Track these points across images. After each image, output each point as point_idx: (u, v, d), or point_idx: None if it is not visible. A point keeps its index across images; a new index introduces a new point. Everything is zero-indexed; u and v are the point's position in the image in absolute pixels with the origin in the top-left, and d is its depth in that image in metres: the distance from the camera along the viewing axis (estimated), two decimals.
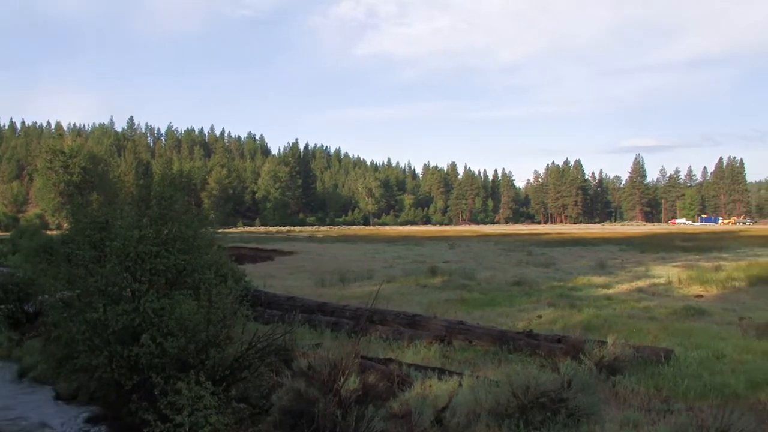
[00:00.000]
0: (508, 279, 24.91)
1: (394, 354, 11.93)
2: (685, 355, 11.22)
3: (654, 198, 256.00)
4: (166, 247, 10.48)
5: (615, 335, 11.15)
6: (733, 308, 17.88)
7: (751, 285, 23.07)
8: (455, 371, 10.31)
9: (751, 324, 14.73)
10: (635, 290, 22.13)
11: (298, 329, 13.65)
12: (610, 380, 9.81)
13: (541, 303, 18.86)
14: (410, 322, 14.45)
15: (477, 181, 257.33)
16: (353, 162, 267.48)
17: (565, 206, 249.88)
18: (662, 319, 15.94)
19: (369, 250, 50.65)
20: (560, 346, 11.49)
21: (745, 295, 20.91)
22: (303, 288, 22.88)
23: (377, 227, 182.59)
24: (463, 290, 21.84)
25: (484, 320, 15.65)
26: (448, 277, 25.56)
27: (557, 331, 13.62)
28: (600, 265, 31.59)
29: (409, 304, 18.54)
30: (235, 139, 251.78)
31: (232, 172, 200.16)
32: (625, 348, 10.61)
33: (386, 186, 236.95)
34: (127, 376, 9.58)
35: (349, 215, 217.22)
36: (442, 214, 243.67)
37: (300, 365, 9.33)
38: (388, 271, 29.26)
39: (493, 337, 12.67)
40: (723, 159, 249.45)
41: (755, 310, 17.40)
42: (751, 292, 21.53)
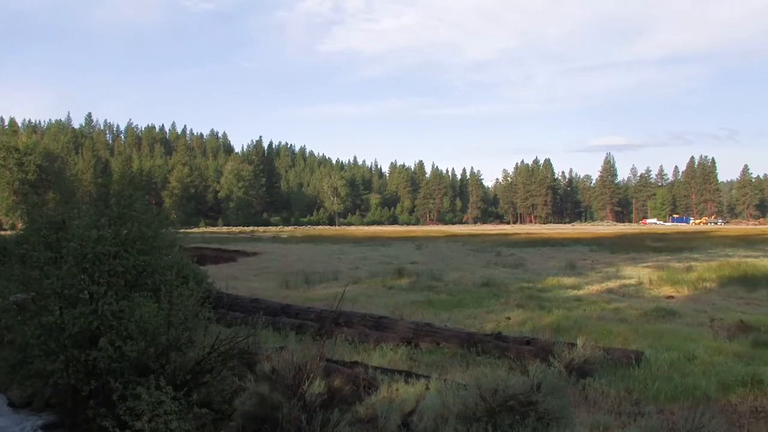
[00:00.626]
0: (477, 280, 25.02)
1: (360, 357, 11.93)
2: (656, 357, 11.33)
3: (625, 198, 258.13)
4: (126, 247, 10.40)
5: (585, 337, 11.24)
6: (704, 309, 18.09)
7: (722, 286, 23.37)
8: (422, 374, 10.34)
9: (723, 325, 14.91)
10: (605, 291, 22.32)
11: (262, 332, 13.62)
12: (580, 383, 9.88)
13: (509, 304, 18.95)
14: (376, 324, 14.47)
15: (445, 180, 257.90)
16: (318, 160, 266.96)
17: (534, 206, 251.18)
18: (633, 321, 16.10)
19: (334, 250, 50.59)
20: (529, 348, 11.57)
21: (716, 296, 21.17)
22: (267, 290, 22.81)
23: (343, 227, 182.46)
24: (430, 292, 21.91)
25: (452, 322, 15.71)
26: (415, 279, 25.63)
27: (526, 333, 13.69)
28: (570, 265, 31.84)
29: (375, 305, 18.56)
30: (197, 137, 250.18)
31: (194, 170, 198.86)
32: (595, 350, 10.69)
33: (352, 185, 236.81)
34: (85, 382, 9.50)
35: (315, 215, 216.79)
36: (409, 213, 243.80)
37: (264, 369, 9.31)
38: (354, 273, 29.25)
39: (461, 339, 12.72)
40: (694, 158, 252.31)
41: (726, 311, 17.62)
42: (722, 293, 21.81)
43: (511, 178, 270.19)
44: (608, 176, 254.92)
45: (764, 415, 8.66)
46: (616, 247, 50.72)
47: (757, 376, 9.98)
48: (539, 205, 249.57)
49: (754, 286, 22.83)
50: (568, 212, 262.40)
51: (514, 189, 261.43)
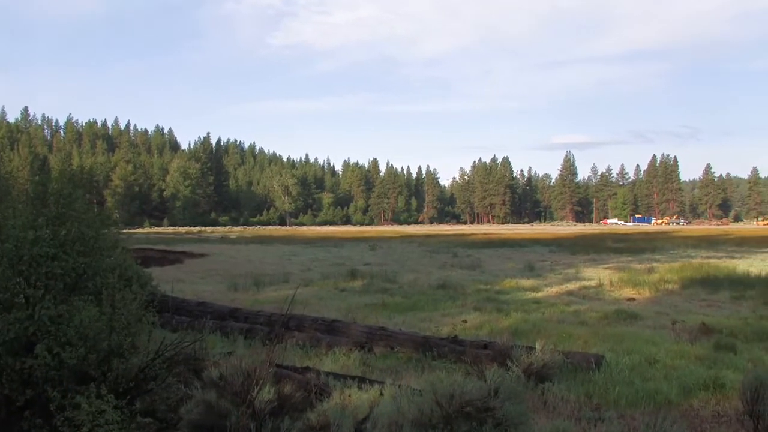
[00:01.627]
0: (432, 282, 25.13)
1: (311, 362, 11.91)
2: (617, 361, 11.45)
3: (585, 197, 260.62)
4: (65, 249, 10.27)
5: (544, 341, 11.31)
6: (665, 311, 18.35)
7: (684, 287, 23.73)
8: (376, 380, 10.35)
9: (684, 328, 15.14)
10: (565, 293, 22.54)
11: (209, 337, 13.54)
12: (539, 388, 9.95)
13: (466, 307, 19.08)
14: (329, 328, 14.47)
15: (400, 179, 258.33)
16: (269, 158, 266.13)
17: (492, 205, 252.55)
18: (593, 324, 16.27)
19: (285, 251, 50.46)
20: (487, 352, 11.63)
21: (678, 298, 21.48)
22: (214, 292, 22.68)
23: (294, 227, 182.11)
24: (384, 294, 21.95)
25: (407, 325, 15.76)
26: (368, 281, 25.67)
27: (483, 337, 13.80)
28: (528, 267, 32.08)
29: (327, 308, 18.57)
30: (141, 133, 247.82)
31: (138, 168, 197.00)
32: (555, 354, 10.79)
33: (304, 184, 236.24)
34: (19, 391, 9.34)
35: (265, 215, 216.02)
36: (362, 213, 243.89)
37: (211, 375, 9.26)
38: (306, 274, 29.23)
39: (416, 344, 12.76)
40: (656, 157, 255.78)
41: (688, 314, 17.90)
42: (684, 295, 22.14)
43: (468, 177, 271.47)
44: (568, 175, 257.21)
45: (726, 419, 8.80)
46: (576, 247, 51.23)
47: (719, 380, 10.13)
48: (497, 205, 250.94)
49: (716, 287, 23.21)
50: (527, 212, 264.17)
51: (471, 188, 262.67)
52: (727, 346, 13.06)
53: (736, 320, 16.61)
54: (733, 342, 13.56)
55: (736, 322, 16.29)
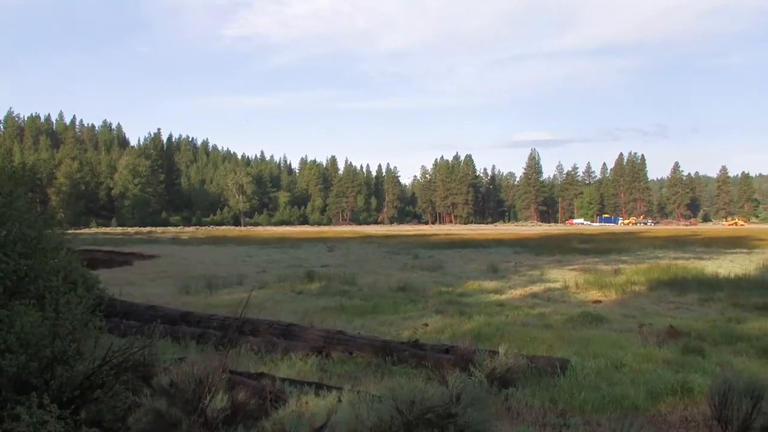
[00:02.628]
0: (392, 284, 25.12)
1: (266, 368, 11.85)
2: (582, 365, 11.51)
3: (550, 196, 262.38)
4: (5, 250, 10.14)
5: (507, 344, 11.33)
6: (632, 314, 18.51)
7: (652, 289, 23.95)
8: (334, 386, 10.33)
9: (652, 331, 15.27)
10: (529, 296, 22.64)
11: (160, 342, 13.40)
12: (503, 393, 9.98)
13: (427, 310, 19.10)
14: (285, 333, 14.41)
15: (359, 177, 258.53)
16: (223, 155, 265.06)
17: (454, 205, 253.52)
18: (558, 327, 16.34)
19: (240, 253, 50.20)
20: (448, 356, 11.66)
21: (646, 300, 21.67)
22: (165, 296, 22.51)
23: (249, 228, 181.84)
24: (343, 297, 21.92)
25: (366, 329, 15.74)
26: (326, 283, 25.62)
27: (445, 341, 13.80)
28: (492, 268, 32.17)
29: (283, 312, 18.50)
30: (88, 128, 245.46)
31: (85, 165, 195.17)
32: (519, 358, 10.82)
33: (259, 182, 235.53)
34: None
35: (218, 214, 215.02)
36: (320, 213, 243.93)
37: (161, 382, 9.18)
38: (261, 276, 29.14)
39: (375, 348, 12.75)
40: (623, 155, 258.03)
41: (655, 316, 18.07)
42: (652, 297, 22.35)
43: (430, 176, 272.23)
44: (533, 173, 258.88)
45: (694, 424, 8.88)
46: (541, 248, 51.50)
47: (687, 384, 10.22)
48: (460, 204, 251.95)
49: (685, 289, 23.45)
50: (490, 212, 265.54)
51: (433, 187, 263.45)
52: (695, 350, 13.20)
53: (704, 323, 16.78)
54: (701, 345, 13.69)
55: (704, 324, 16.46)
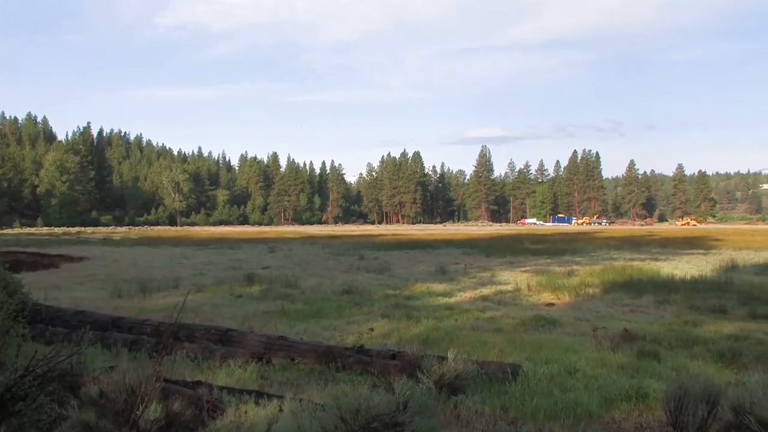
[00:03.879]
0: (337, 287, 25.10)
1: (204, 376, 11.76)
2: (534, 371, 11.56)
3: (502, 195, 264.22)
4: None
5: (457, 349, 11.34)
6: (586, 317, 18.68)
7: (606, 291, 24.20)
8: (275, 394, 10.27)
9: (606, 334, 15.42)
10: (480, 298, 22.74)
11: (89, 350, 13.23)
12: (452, 400, 9.98)
13: (373, 314, 19.09)
14: (223, 338, 14.30)
15: (302, 175, 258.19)
16: (158, 151, 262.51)
17: (402, 204, 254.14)
18: (509, 331, 16.42)
19: (175, 254, 49.85)
20: (395, 362, 11.65)
21: (600, 303, 21.88)
22: (95, 300, 22.23)
23: (186, 228, 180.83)
24: (284, 300, 21.84)
25: (309, 334, 15.70)
26: (267, 286, 25.52)
27: (392, 346, 13.81)
28: (440, 270, 32.30)
29: (221, 317, 18.39)
30: (10, 121, 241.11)
31: (7, 161, 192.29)
32: (468, 364, 10.84)
33: (196, 180, 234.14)
34: None
35: (153, 214, 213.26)
36: (261, 212, 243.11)
37: (89, 393, 9.05)
38: (198, 279, 28.95)
39: (318, 354, 12.71)
40: (577, 152, 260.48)
41: (610, 319, 18.26)
42: (606, 299, 22.57)
43: (376, 173, 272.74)
44: (484, 171, 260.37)
45: (650, 431, 8.97)
46: (492, 249, 51.84)
47: (643, 390, 10.31)
48: (407, 203, 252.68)
49: (640, 291, 23.73)
50: (439, 211, 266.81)
51: (379, 185, 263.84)
52: (650, 354, 13.32)
53: (659, 326, 16.99)
54: (656, 349, 13.83)
55: (659, 328, 16.67)
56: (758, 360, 12.96)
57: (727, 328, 16.87)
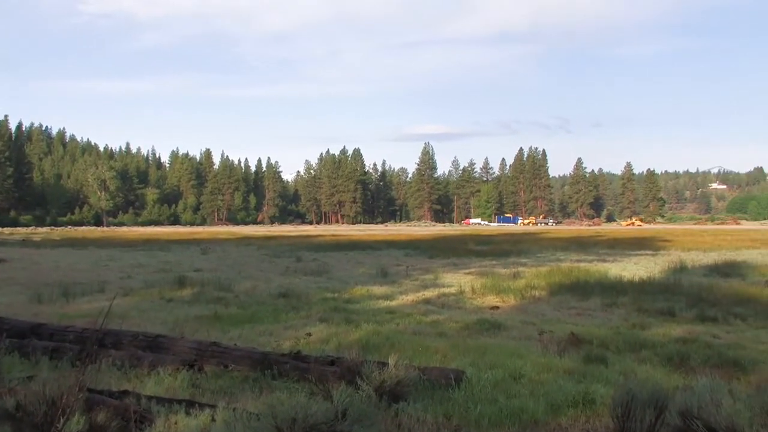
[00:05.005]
0: (273, 290, 25.03)
1: (131, 384, 11.63)
2: (479, 377, 11.58)
3: (445, 194, 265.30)
4: None
5: (398, 355, 11.34)
6: (532, 321, 18.82)
7: (552, 294, 24.41)
8: (207, 403, 10.20)
9: (552, 338, 15.56)
10: (422, 302, 22.82)
11: (5, 358, 13.01)
12: (393, 408, 9.98)
13: (311, 318, 19.07)
14: (152, 345, 14.17)
15: (237, 173, 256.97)
16: (82, 147, 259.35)
17: (341, 203, 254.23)
18: (452, 335, 16.48)
19: (102, 256, 49.22)
20: (334, 369, 11.64)
21: (546, 306, 22.08)
22: (13, 306, 21.84)
23: (113, 228, 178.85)
24: (217, 304, 21.72)
25: (243, 340, 15.61)
26: (199, 289, 25.34)
27: (330, 352, 13.79)
28: (381, 272, 32.35)
29: (151, 322, 18.21)
30: None
31: None
32: (410, 370, 10.85)
33: (124, 178, 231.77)
34: None
35: (77, 213, 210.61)
36: (193, 212, 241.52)
37: (5, 405, 8.91)
38: (126, 283, 28.64)
39: (253, 361, 12.65)
40: (523, 150, 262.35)
41: (556, 323, 18.43)
42: (553, 302, 22.78)
43: (314, 171, 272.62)
44: (426, 169, 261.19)
45: None
46: (435, 250, 52.03)
47: (590, 395, 10.39)
48: (347, 203, 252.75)
49: (587, 294, 23.98)
50: (380, 211, 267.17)
51: (318, 184, 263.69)
52: (597, 358, 13.47)
53: (607, 329, 17.18)
54: (604, 353, 14.00)
55: (607, 331, 16.85)
56: (706, 363, 13.18)
57: (675, 331, 17.18)
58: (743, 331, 17.52)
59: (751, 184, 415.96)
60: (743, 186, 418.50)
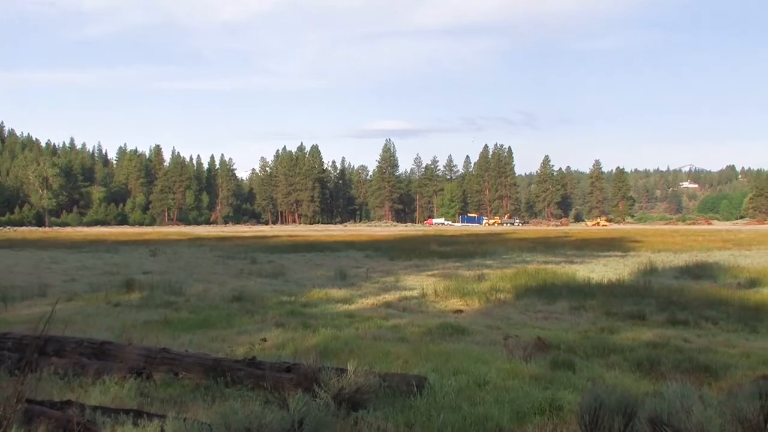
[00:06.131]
0: (226, 293, 24.96)
1: (74, 394, 11.52)
2: (442, 383, 11.59)
3: (407, 193, 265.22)
4: None
5: (357, 361, 11.31)
6: (497, 325, 18.87)
7: (519, 297, 24.52)
8: (156, 413, 10.13)
9: (518, 343, 15.56)
10: (383, 305, 22.87)
11: None
12: (352, 416, 9.95)
13: (267, 323, 19.01)
14: (98, 352, 14.06)
15: (188, 170, 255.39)
16: (22, 142, 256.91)
17: (298, 202, 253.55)
18: (414, 340, 16.47)
19: (43, 258, 48.87)
20: (290, 376, 11.61)
21: (512, 309, 22.18)
22: None
23: (55, 229, 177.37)
24: (168, 309, 21.63)
25: (195, 346, 15.54)
26: (148, 293, 25.20)
27: (287, 358, 13.77)
28: (340, 275, 32.36)
29: (96, 328, 18.06)
30: None
31: None
32: (370, 376, 10.84)
33: (68, 175, 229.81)
34: None
35: (17, 213, 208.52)
36: (142, 211, 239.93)
37: None
38: (70, 286, 28.41)
39: (205, 368, 12.59)
40: (488, 147, 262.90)
41: (522, 327, 18.48)
42: (518, 305, 22.89)
43: (270, 169, 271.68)
44: (388, 167, 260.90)
45: None
46: (396, 252, 52.16)
47: (556, 402, 10.42)
48: (305, 202, 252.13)
49: (554, 297, 24.11)
50: (339, 210, 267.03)
51: (274, 182, 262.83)
52: (565, 363, 13.52)
53: (574, 334, 17.29)
54: (571, 358, 14.06)
55: (574, 335, 16.96)
56: (677, 368, 13.28)
57: (645, 335, 17.29)
58: (715, 335, 17.71)
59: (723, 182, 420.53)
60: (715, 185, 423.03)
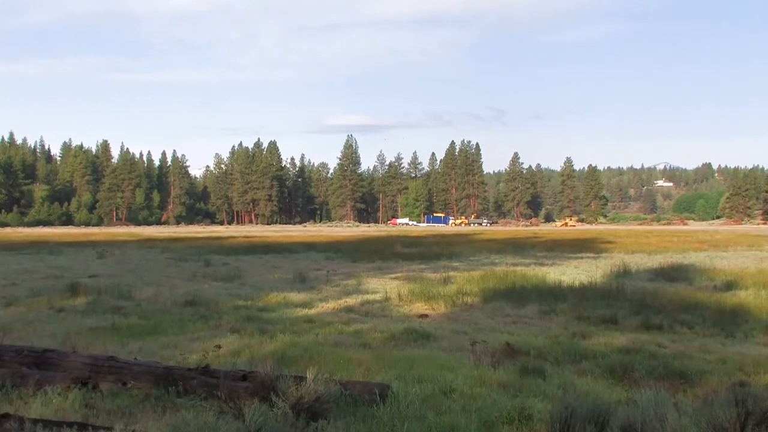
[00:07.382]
0: (178, 298, 24.87)
1: (12, 407, 11.39)
2: (406, 391, 11.56)
3: (370, 192, 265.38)
4: None
5: (317, 368, 11.30)
6: (464, 330, 18.92)
7: (486, 300, 24.57)
8: (102, 426, 10.07)
9: (486, 349, 15.60)
10: (344, 310, 22.85)
11: None
12: (311, 427, 9.95)
13: (221, 328, 18.96)
14: (39, 361, 13.94)
15: (138, 168, 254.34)
16: None
17: (255, 201, 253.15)
18: (377, 346, 16.49)
19: None
20: (246, 384, 11.57)
21: (479, 314, 22.23)
22: None
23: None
24: (116, 314, 21.49)
25: (145, 354, 15.44)
26: (95, 297, 25.07)
27: (242, 365, 13.71)
28: (299, 278, 32.32)
29: (38, 335, 17.93)
30: None
31: None
32: (330, 385, 10.82)
33: (7, 172, 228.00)
34: None
35: None
36: (89, 211, 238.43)
37: None
38: (9, 291, 28.18)
39: (156, 377, 12.52)
40: (455, 143, 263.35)
41: (490, 332, 18.51)
42: (486, 310, 22.93)
43: (225, 166, 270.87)
44: (349, 164, 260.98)
45: None
46: (359, 253, 52.19)
47: (526, 410, 10.43)
48: (262, 201, 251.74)
49: (524, 300, 24.18)
50: (298, 210, 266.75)
51: (229, 180, 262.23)
52: (534, 370, 13.56)
53: (545, 339, 17.35)
54: (541, 365, 14.11)
55: (545, 341, 17.00)
56: (651, 375, 13.37)
57: (618, 340, 17.38)
58: (690, 340, 17.85)
59: (699, 181, 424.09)
60: (690, 183, 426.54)
